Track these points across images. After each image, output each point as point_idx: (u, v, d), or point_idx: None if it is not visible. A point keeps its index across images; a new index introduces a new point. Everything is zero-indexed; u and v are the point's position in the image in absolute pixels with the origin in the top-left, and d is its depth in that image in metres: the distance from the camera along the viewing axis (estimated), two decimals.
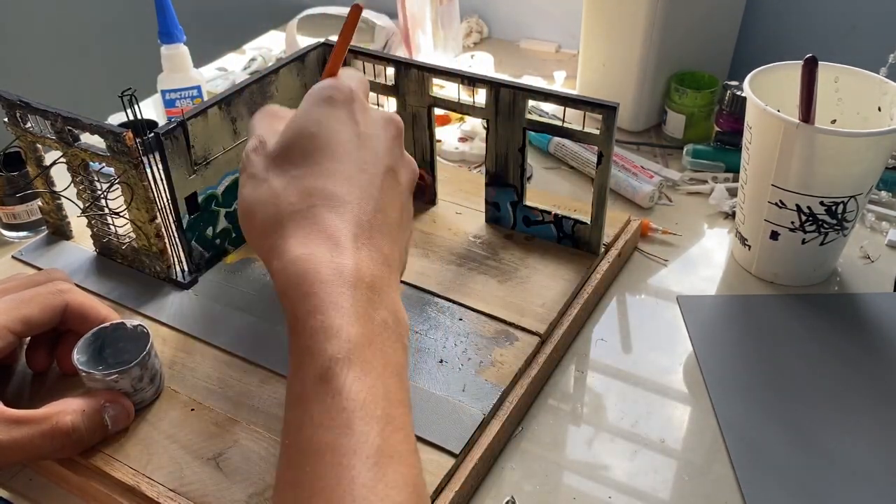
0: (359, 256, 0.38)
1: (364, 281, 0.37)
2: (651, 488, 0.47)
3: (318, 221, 0.38)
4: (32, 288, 0.49)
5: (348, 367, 0.34)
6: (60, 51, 1.33)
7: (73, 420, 0.44)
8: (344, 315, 0.35)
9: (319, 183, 0.40)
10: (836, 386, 0.53)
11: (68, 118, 0.54)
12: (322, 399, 0.34)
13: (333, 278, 0.36)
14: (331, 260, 0.37)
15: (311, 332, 0.35)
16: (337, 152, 0.41)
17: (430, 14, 0.96)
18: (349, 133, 0.42)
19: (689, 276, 0.65)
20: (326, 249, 0.37)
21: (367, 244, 0.39)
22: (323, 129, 0.42)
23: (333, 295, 0.36)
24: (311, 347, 0.35)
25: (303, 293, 0.36)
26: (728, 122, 0.78)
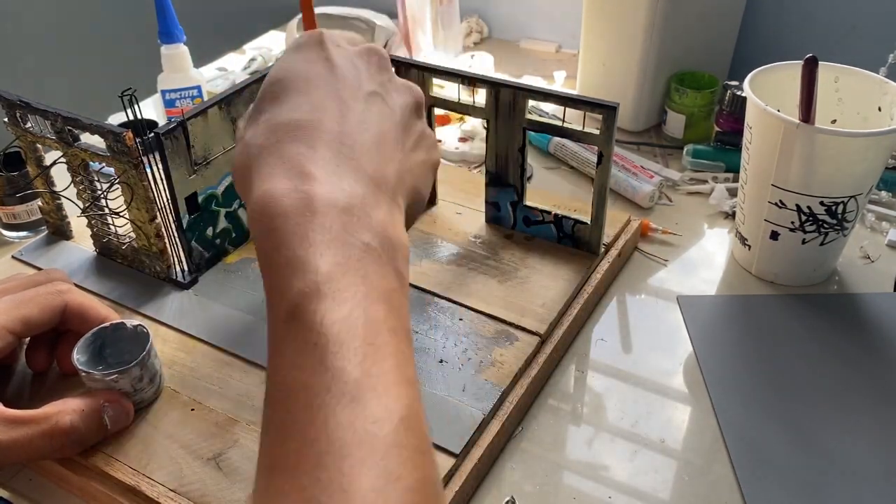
0: (329, 181, 0.36)
1: (336, 206, 0.35)
2: (651, 488, 0.47)
3: (282, 154, 0.37)
4: (32, 288, 0.49)
5: (318, 300, 0.32)
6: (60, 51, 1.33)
7: (73, 420, 0.44)
8: (310, 245, 0.33)
9: (285, 117, 0.38)
10: (836, 386, 0.53)
11: (68, 118, 0.54)
12: (294, 338, 0.32)
13: (296, 208, 0.34)
14: (293, 189, 0.35)
15: (277, 268, 0.33)
16: (304, 87, 0.39)
17: (430, 14, 0.96)
18: (319, 68, 0.40)
19: (689, 276, 0.65)
20: (289, 179, 0.35)
21: (342, 166, 0.37)
22: (290, 71, 0.40)
23: (296, 226, 0.34)
24: (278, 285, 0.33)
25: (266, 229, 0.34)
26: (728, 122, 0.78)
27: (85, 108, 0.57)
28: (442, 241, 0.63)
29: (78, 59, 1.33)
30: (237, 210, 0.61)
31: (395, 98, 0.42)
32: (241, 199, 0.40)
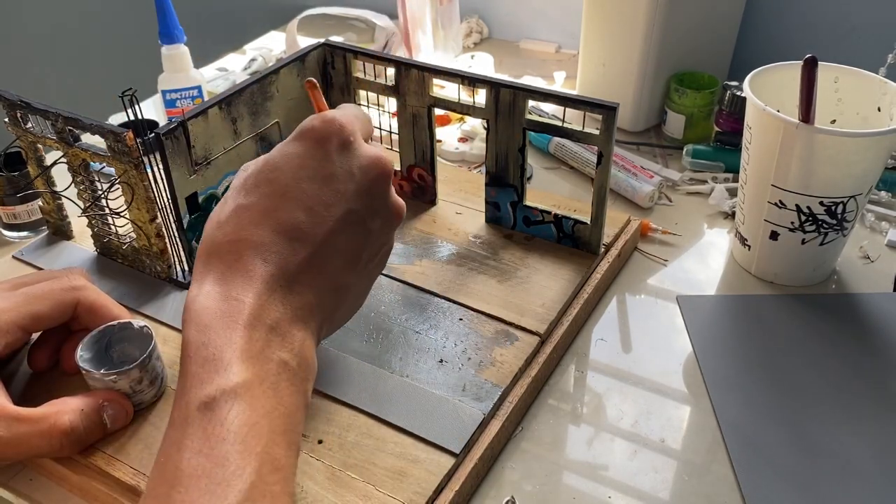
0: (267, 299, 0.38)
1: (265, 322, 0.38)
2: (651, 488, 0.47)
3: (240, 260, 0.39)
4: (46, 282, 0.49)
5: (234, 401, 0.35)
6: (61, 51, 1.33)
7: (72, 420, 0.44)
8: (235, 351, 0.36)
9: (260, 220, 0.40)
10: (836, 386, 0.53)
11: (69, 118, 0.54)
12: (204, 426, 0.34)
13: (232, 316, 0.37)
14: (234, 298, 0.38)
15: (201, 361, 0.36)
16: (291, 189, 0.41)
17: (430, 14, 0.96)
18: (314, 169, 0.41)
19: (688, 276, 0.65)
20: (235, 287, 0.38)
21: (283, 287, 0.39)
22: (287, 161, 0.41)
23: (228, 332, 0.37)
24: (199, 375, 0.36)
25: (201, 324, 0.37)
26: (728, 122, 0.78)
27: (85, 108, 0.57)
28: (442, 241, 0.63)
29: (78, 59, 1.34)
30: None
31: (375, 222, 0.43)
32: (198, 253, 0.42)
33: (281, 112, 0.63)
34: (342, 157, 0.42)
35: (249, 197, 0.41)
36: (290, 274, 0.40)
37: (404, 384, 0.50)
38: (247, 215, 0.40)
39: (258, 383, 0.36)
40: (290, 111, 0.64)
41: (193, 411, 0.35)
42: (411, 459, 0.45)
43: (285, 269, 0.39)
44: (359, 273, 0.44)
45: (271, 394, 0.37)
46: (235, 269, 0.39)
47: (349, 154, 0.42)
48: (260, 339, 0.37)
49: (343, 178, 0.41)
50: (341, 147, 0.42)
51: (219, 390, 0.35)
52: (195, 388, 0.35)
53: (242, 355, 0.36)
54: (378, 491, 0.43)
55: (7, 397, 0.45)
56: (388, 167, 0.43)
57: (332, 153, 0.41)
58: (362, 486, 0.44)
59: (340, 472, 0.44)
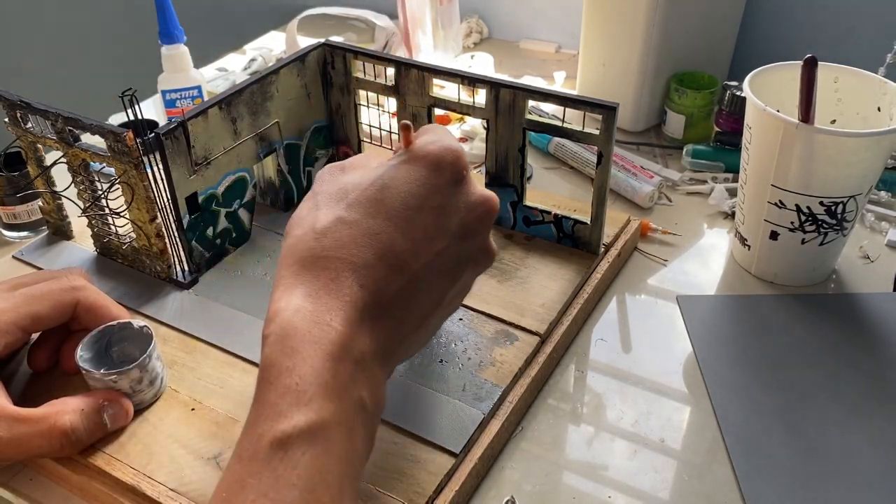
0: (358, 328, 0.36)
1: (352, 355, 0.35)
2: (651, 488, 0.47)
3: (337, 280, 0.36)
4: (46, 283, 0.49)
5: (310, 443, 0.33)
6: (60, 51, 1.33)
7: (72, 420, 0.44)
8: (321, 386, 0.34)
9: (363, 241, 0.37)
10: (835, 386, 0.53)
11: (69, 118, 0.54)
12: (274, 466, 0.32)
13: (322, 343, 0.35)
14: (326, 323, 0.35)
15: (283, 389, 0.33)
16: (398, 215, 0.38)
17: (430, 14, 0.96)
18: (424, 198, 0.39)
19: (688, 276, 0.65)
20: (328, 310, 0.36)
21: (374, 322, 0.37)
22: (398, 184, 0.39)
23: (318, 361, 0.34)
24: (278, 406, 0.33)
25: (288, 347, 0.34)
26: (728, 122, 0.78)
27: (85, 108, 0.57)
28: None
29: (78, 59, 1.34)
30: (237, 210, 0.61)
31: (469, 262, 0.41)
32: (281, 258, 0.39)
33: (281, 112, 0.63)
34: (454, 189, 0.39)
35: (352, 212, 0.38)
36: (382, 304, 0.37)
37: (404, 384, 0.50)
38: (348, 233, 0.37)
39: (336, 424, 0.34)
40: (290, 111, 0.64)
41: (265, 447, 0.32)
42: (411, 459, 0.45)
43: (379, 298, 0.37)
44: (442, 310, 0.41)
45: (346, 437, 0.34)
46: (330, 288, 0.36)
47: (461, 188, 0.40)
48: (346, 373, 0.35)
49: (451, 212, 0.39)
50: (455, 180, 0.40)
51: (296, 428, 0.32)
52: (271, 421, 0.33)
53: (326, 391, 0.34)
54: (378, 491, 0.43)
55: (7, 398, 0.45)
56: (496, 208, 0.42)
57: (444, 184, 0.39)
58: (362, 486, 0.44)
59: None
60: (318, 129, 0.68)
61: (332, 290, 0.36)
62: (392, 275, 0.37)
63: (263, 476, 0.32)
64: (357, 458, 0.35)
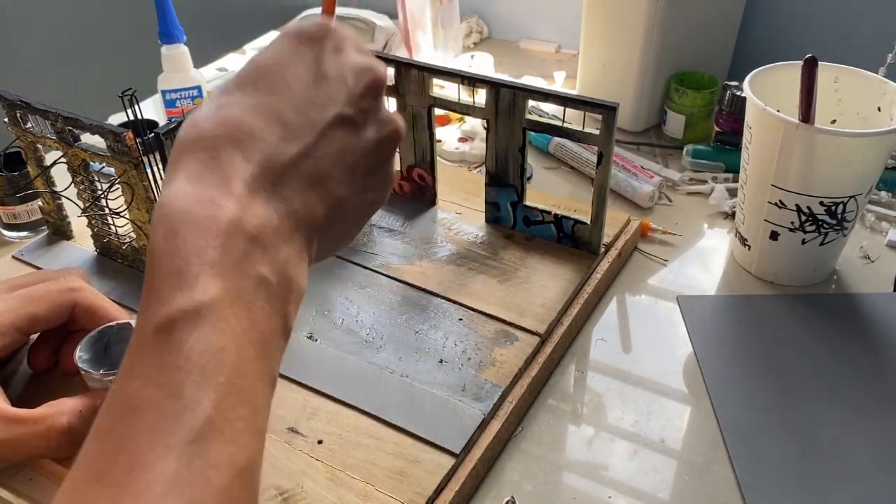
0: (248, 202, 0.33)
1: (244, 230, 0.33)
2: (651, 488, 0.47)
3: (216, 155, 0.34)
4: (43, 284, 0.49)
5: (195, 323, 0.30)
6: (60, 51, 1.33)
7: (70, 420, 0.44)
8: (205, 264, 0.31)
9: (238, 113, 0.35)
10: (836, 386, 0.53)
11: (69, 118, 0.54)
12: (158, 352, 0.30)
13: (205, 221, 0.32)
14: (209, 200, 0.32)
15: (164, 274, 0.31)
16: (277, 86, 0.36)
17: (430, 14, 0.96)
18: (303, 70, 0.37)
19: (689, 276, 0.65)
20: (210, 187, 0.33)
21: (268, 191, 0.34)
22: (274, 60, 0.37)
23: (199, 239, 0.31)
24: (160, 290, 0.31)
25: (167, 231, 0.32)
26: (728, 122, 0.78)
27: (85, 108, 0.57)
28: (442, 241, 0.63)
29: (78, 59, 1.33)
30: None
31: (369, 131, 0.39)
32: None
33: None
34: (334, 60, 0.38)
35: (229, 97, 0.36)
36: (275, 174, 0.34)
37: (404, 384, 0.50)
38: (229, 111, 0.35)
39: (228, 302, 0.31)
40: None
41: (150, 334, 0.30)
42: (411, 459, 0.45)
43: (271, 167, 0.34)
44: (354, 187, 0.38)
45: (243, 315, 0.32)
46: (211, 166, 0.33)
47: (341, 58, 0.38)
48: (237, 249, 0.32)
49: (334, 80, 0.37)
50: (333, 50, 0.38)
51: (180, 310, 0.30)
52: (154, 307, 0.31)
53: (213, 268, 0.31)
54: (378, 491, 0.43)
55: (5, 399, 0.45)
56: (381, 74, 0.39)
57: (323, 55, 0.37)
58: (362, 486, 0.44)
59: (340, 472, 0.44)
60: None
61: (213, 167, 0.33)
62: (281, 143, 0.35)
63: (148, 363, 0.30)
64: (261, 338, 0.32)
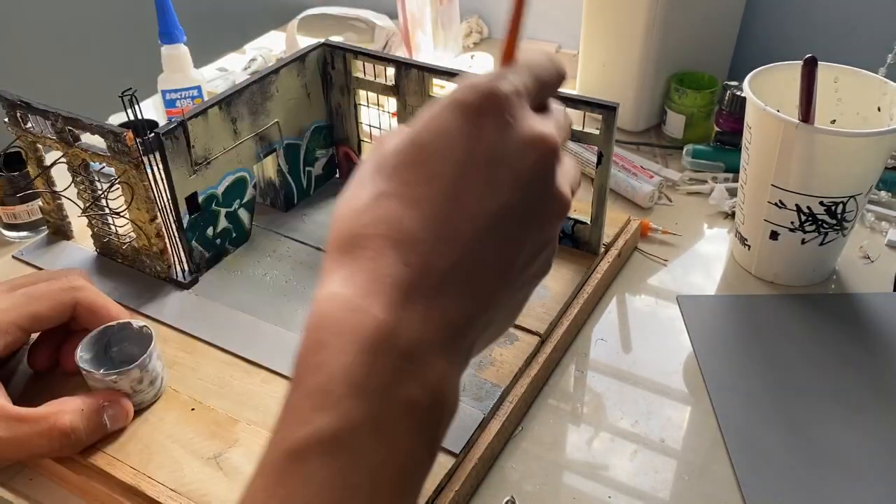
0: (403, 314, 0.30)
1: (398, 346, 0.30)
2: (651, 488, 0.47)
3: (375, 257, 0.31)
4: (45, 283, 0.49)
5: (331, 455, 0.28)
6: (60, 51, 1.33)
7: (72, 420, 0.44)
8: (352, 385, 0.28)
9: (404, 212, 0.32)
10: (835, 386, 0.53)
11: (69, 118, 0.54)
12: (286, 481, 0.28)
13: (355, 334, 0.29)
14: (361, 309, 0.30)
15: (307, 390, 0.29)
16: (435, 173, 0.32)
17: (430, 14, 0.96)
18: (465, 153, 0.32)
19: (689, 276, 0.65)
20: (364, 295, 0.30)
21: (424, 300, 0.31)
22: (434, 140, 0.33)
23: (347, 354, 0.29)
24: (300, 409, 0.29)
25: (315, 341, 0.30)
26: (728, 122, 0.78)
27: (85, 108, 0.57)
28: None
29: (78, 59, 1.33)
30: (237, 210, 0.61)
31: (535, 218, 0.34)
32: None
33: (281, 112, 0.63)
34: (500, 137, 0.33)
35: (391, 183, 0.33)
36: (434, 282, 0.31)
37: None
38: (387, 205, 0.32)
39: (369, 430, 0.28)
40: (290, 111, 0.64)
41: (280, 457, 0.28)
42: None
43: (429, 275, 0.31)
44: (513, 282, 0.35)
45: (385, 443, 0.29)
46: (368, 269, 0.31)
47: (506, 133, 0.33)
48: (386, 368, 0.29)
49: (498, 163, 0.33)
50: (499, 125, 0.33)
51: (314, 436, 0.28)
52: (290, 427, 0.29)
53: (358, 390, 0.28)
54: None
55: (6, 397, 0.45)
56: (551, 147, 0.34)
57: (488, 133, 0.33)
58: None
59: None
60: (318, 129, 0.68)
61: (371, 269, 0.31)
62: (441, 246, 0.32)
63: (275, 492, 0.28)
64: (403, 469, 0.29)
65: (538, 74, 0.36)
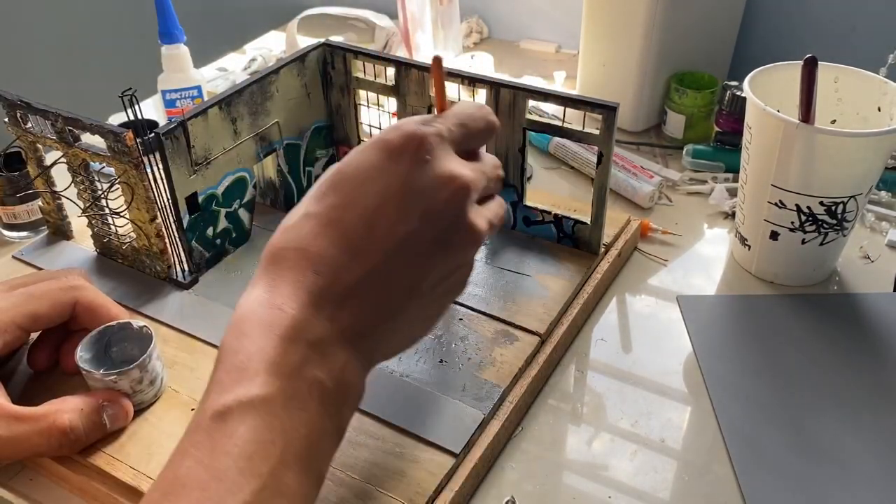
0: (312, 313, 0.36)
1: (306, 338, 0.36)
2: (651, 488, 0.47)
3: (294, 269, 0.37)
4: (45, 282, 0.49)
5: (249, 414, 0.33)
6: (60, 51, 1.33)
7: (72, 419, 0.44)
8: (265, 363, 0.34)
9: (320, 230, 0.38)
10: (836, 386, 0.53)
11: (69, 118, 0.54)
12: (212, 435, 0.33)
13: (270, 325, 0.35)
14: (277, 307, 0.36)
15: (229, 368, 0.35)
16: (355, 202, 0.38)
17: (430, 14, 0.96)
18: (381, 184, 0.38)
19: (689, 276, 0.65)
20: (280, 296, 0.36)
21: (331, 304, 0.37)
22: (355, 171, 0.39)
23: (262, 340, 0.35)
24: (223, 382, 0.34)
25: (239, 330, 0.36)
26: (728, 122, 0.78)
27: (85, 108, 0.57)
28: None
29: (78, 59, 1.34)
30: (237, 210, 0.61)
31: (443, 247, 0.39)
32: None
33: (281, 112, 0.63)
34: (415, 173, 0.38)
35: (318, 205, 0.38)
36: (341, 290, 0.37)
37: (404, 384, 0.50)
38: (309, 224, 0.38)
39: (282, 400, 0.34)
40: (290, 111, 0.64)
41: (207, 418, 0.34)
42: (411, 459, 0.45)
43: (337, 284, 0.37)
44: (420, 299, 0.40)
45: (295, 414, 0.34)
46: (286, 277, 0.37)
47: (423, 169, 0.38)
48: (296, 353, 0.35)
49: (412, 195, 0.38)
50: (416, 163, 0.38)
51: (236, 401, 0.33)
52: (214, 395, 0.34)
53: (271, 367, 0.34)
54: (378, 491, 0.43)
55: (6, 397, 0.45)
56: (462, 186, 0.39)
57: (404, 169, 0.38)
58: (362, 486, 0.44)
59: (340, 472, 0.44)
60: (318, 129, 0.68)
61: (289, 278, 0.37)
62: (349, 262, 0.37)
63: (201, 445, 0.33)
64: (310, 437, 0.35)
65: (464, 122, 0.41)
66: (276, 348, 0.35)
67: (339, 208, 0.38)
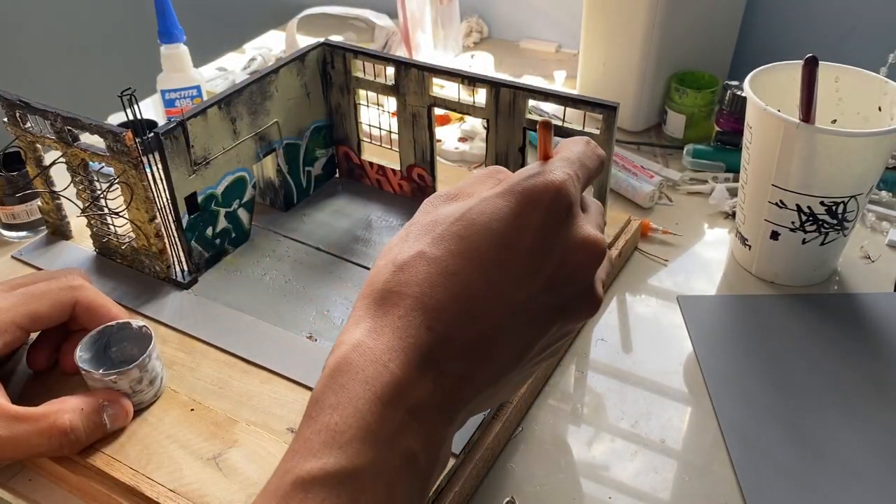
0: (418, 374, 0.33)
1: (407, 402, 0.32)
2: (651, 488, 0.47)
3: (405, 318, 0.34)
4: (44, 282, 0.49)
5: (334, 489, 0.30)
6: (60, 51, 1.33)
7: (72, 419, 0.44)
8: (362, 429, 0.31)
9: (439, 280, 0.34)
10: (836, 386, 0.53)
11: (68, 118, 0.54)
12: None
13: (373, 384, 0.32)
14: (382, 363, 0.32)
15: (321, 426, 0.32)
16: (481, 256, 0.34)
17: (430, 14, 0.96)
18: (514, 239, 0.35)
19: (689, 276, 0.65)
20: (390, 352, 0.33)
21: (440, 369, 0.34)
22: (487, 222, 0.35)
23: (365, 402, 0.32)
24: (311, 442, 0.31)
25: (337, 383, 0.32)
26: (728, 122, 0.78)
27: (85, 108, 0.57)
28: None
29: (78, 59, 1.34)
30: (237, 210, 0.61)
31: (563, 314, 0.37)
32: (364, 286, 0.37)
33: (280, 112, 0.63)
34: (552, 232, 0.35)
35: (435, 248, 0.35)
36: (451, 353, 0.34)
37: None
38: (425, 269, 0.34)
39: (371, 475, 0.31)
40: (290, 111, 0.64)
41: (288, 484, 0.31)
42: None
43: (448, 345, 0.34)
44: (524, 365, 0.37)
45: (382, 489, 0.31)
46: (396, 326, 0.33)
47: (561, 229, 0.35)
48: (394, 420, 0.32)
49: (544, 256, 0.35)
50: (556, 223, 0.35)
51: (322, 471, 0.30)
52: (300, 458, 0.31)
53: (367, 436, 0.31)
54: None
55: (6, 397, 0.45)
56: (599, 253, 0.36)
57: (541, 227, 0.35)
58: None
59: None
60: (317, 129, 0.68)
61: (398, 328, 0.33)
62: (465, 321, 0.34)
63: None
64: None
65: (584, 163, 0.38)
66: (374, 413, 0.32)
67: (461, 258, 0.34)
